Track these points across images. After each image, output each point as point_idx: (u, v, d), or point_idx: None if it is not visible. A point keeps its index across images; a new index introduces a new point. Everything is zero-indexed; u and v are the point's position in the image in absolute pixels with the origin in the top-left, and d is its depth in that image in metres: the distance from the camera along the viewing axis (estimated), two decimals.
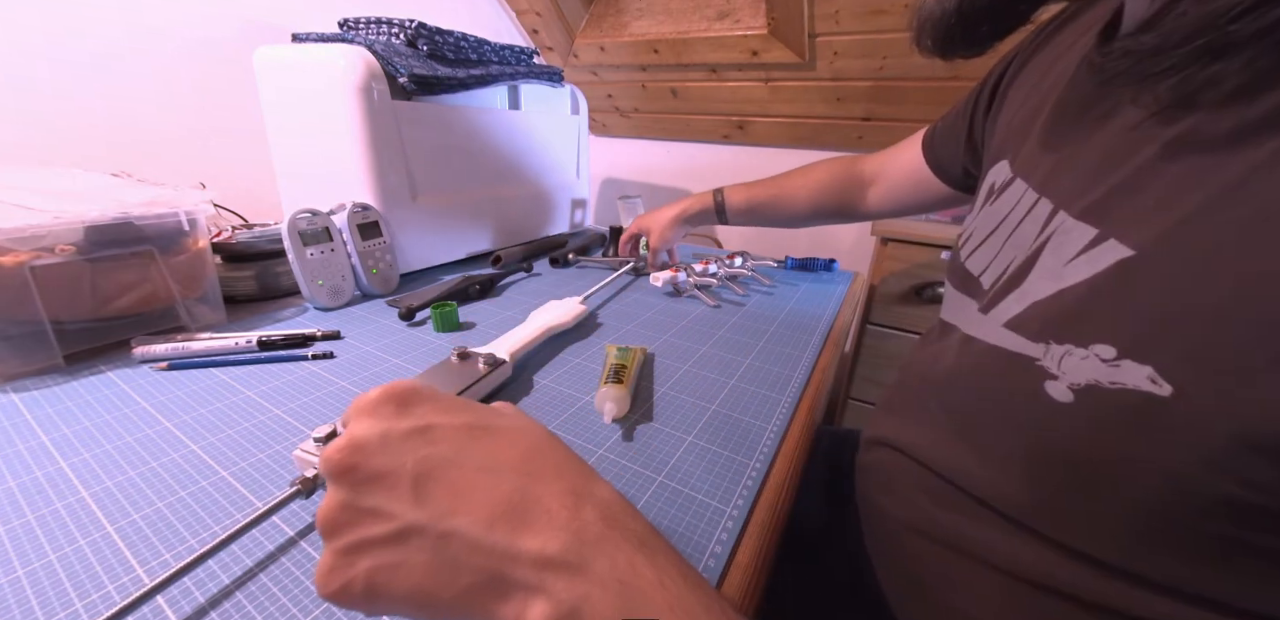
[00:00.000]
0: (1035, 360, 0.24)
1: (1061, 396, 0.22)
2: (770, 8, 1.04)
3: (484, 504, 0.18)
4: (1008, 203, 0.32)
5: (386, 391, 0.21)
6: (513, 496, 0.19)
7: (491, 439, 0.21)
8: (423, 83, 0.65)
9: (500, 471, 0.19)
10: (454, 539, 0.18)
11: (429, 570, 0.18)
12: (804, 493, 0.41)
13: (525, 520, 0.18)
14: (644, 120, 1.48)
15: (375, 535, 0.18)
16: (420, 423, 0.20)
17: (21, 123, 0.68)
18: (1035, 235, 0.28)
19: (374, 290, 0.66)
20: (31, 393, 0.42)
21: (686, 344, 0.56)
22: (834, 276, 0.83)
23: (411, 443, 0.19)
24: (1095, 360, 0.21)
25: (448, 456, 0.19)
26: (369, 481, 0.19)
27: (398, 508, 0.18)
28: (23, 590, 0.25)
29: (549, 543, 0.17)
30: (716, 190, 0.75)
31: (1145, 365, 0.19)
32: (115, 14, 0.72)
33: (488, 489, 0.19)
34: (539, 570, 0.17)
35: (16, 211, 0.43)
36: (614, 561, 0.17)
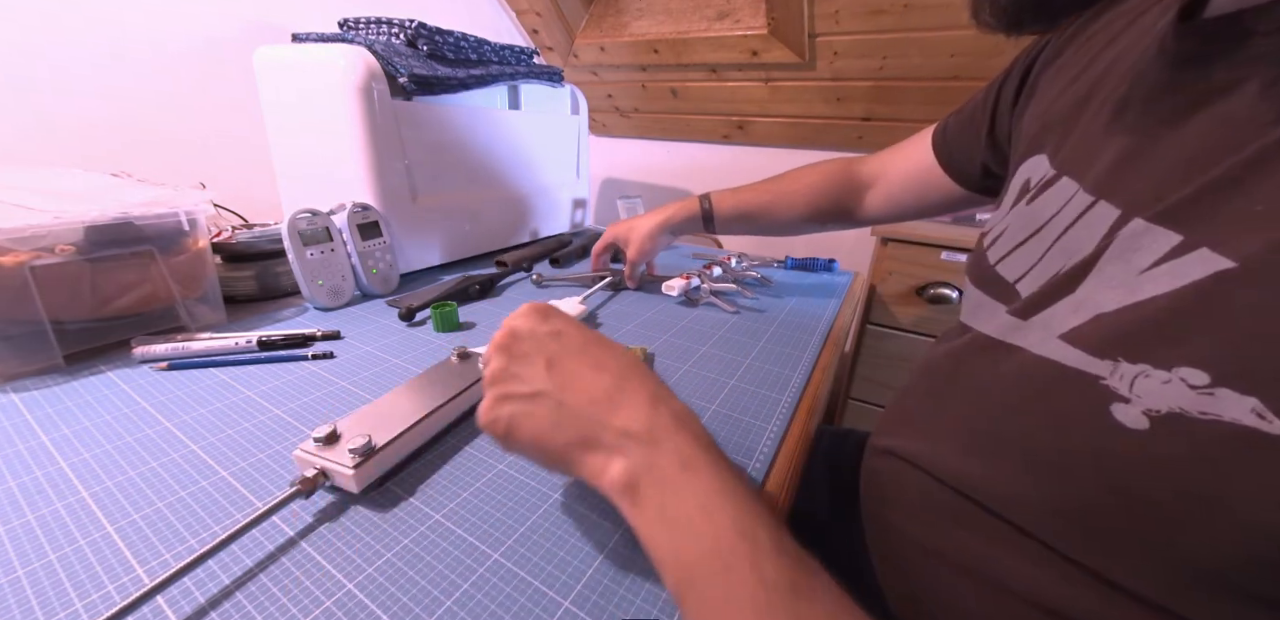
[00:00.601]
0: (1099, 379, 0.21)
1: (1133, 422, 0.20)
2: (770, 8, 1.04)
3: (588, 389, 0.26)
4: (1052, 203, 0.29)
5: (534, 305, 0.30)
6: (610, 388, 0.25)
7: (601, 349, 0.28)
8: (423, 83, 0.65)
9: (604, 370, 0.26)
10: (566, 406, 0.25)
11: (548, 423, 0.25)
12: (804, 493, 0.40)
13: (617, 405, 0.25)
14: (644, 120, 1.48)
15: (518, 391, 0.26)
16: (555, 328, 0.28)
17: (21, 123, 0.68)
18: (1093, 240, 0.25)
19: (374, 290, 0.66)
20: (31, 393, 0.42)
21: (686, 344, 0.56)
22: (834, 276, 0.83)
23: (550, 338, 0.28)
24: (1181, 386, 0.18)
25: (570, 353, 0.27)
26: (519, 357, 0.27)
27: (534, 377, 0.26)
28: (23, 590, 0.25)
29: (631, 422, 0.24)
30: (703, 196, 0.67)
31: (1249, 396, 0.17)
32: (115, 14, 0.72)
33: (593, 379, 0.26)
34: (622, 438, 0.24)
35: (16, 211, 0.43)
36: (678, 446, 0.23)
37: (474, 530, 0.30)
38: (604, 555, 0.29)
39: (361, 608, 0.25)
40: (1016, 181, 0.35)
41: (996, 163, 0.45)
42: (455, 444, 0.38)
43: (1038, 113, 0.36)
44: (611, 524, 0.31)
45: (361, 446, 0.31)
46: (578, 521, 0.31)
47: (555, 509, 0.32)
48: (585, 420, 0.25)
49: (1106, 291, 0.23)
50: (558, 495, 0.33)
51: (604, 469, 0.24)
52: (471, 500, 0.32)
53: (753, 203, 0.66)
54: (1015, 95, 0.40)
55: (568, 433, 0.25)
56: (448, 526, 0.30)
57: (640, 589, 0.27)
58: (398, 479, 0.34)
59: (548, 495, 0.33)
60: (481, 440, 0.38)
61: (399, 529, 0.30)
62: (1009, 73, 0.42)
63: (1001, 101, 0.42)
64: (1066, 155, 0.30)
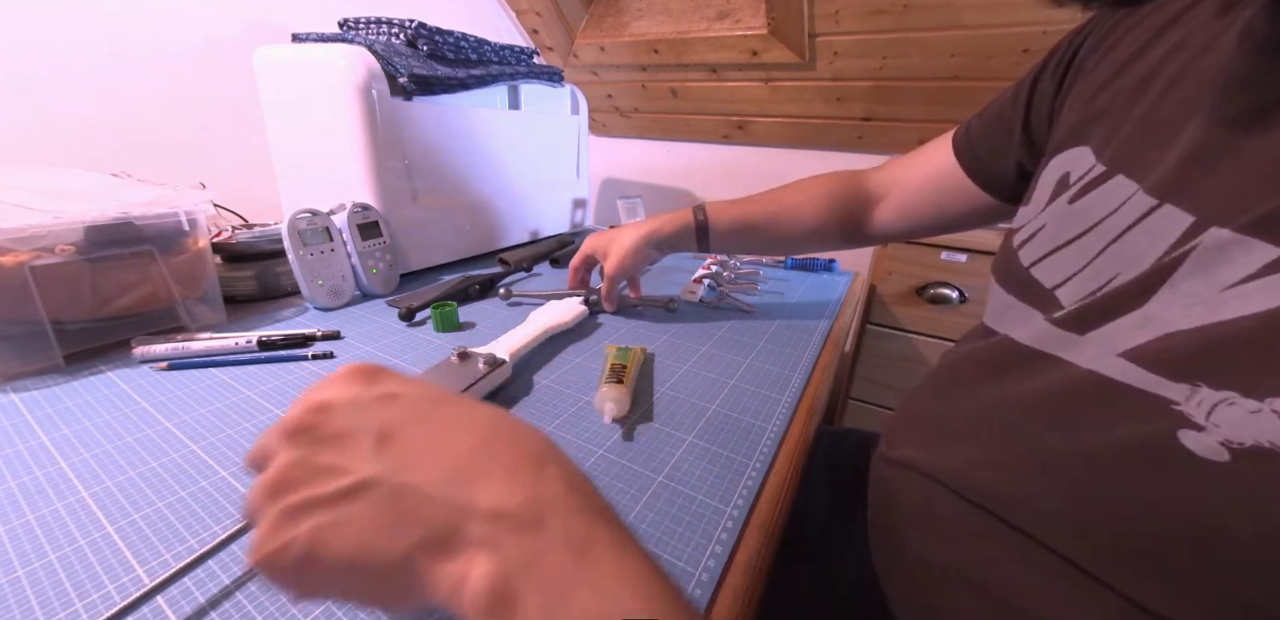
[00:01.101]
0: (1171, 403, 0.19)
1: (1208, 453, 0.18)
2: (770, 8, 1.04)
3: (446, 458, 0.18)
4: (1101, 203, 0.27)
5: (355, 366, 0.21)
6: (475, 453, 0.19)
7: (458, 406, 0.21)
8: (423, 82, 0.65)
9: (466, 432, 0.19)
10: (409, 492, 0.17)
11: (376, 526, 0.17)
12: (805, 492, 0.40)
13: (486, 475, 0.18)
14: (644, 120, 1.48)
15: (326, 492, 0.17)
16: (389, 390, 0.20)
17: (21, 123, 0.68)
18: (1161, 250, 0.22)
19: (374, 290, 0.66)
20: (31, 393, 0.42)
21: (686, 344, 0.56)
22: (834, 276, 0.83)
23: (380, 406, 0.20)
24: (1272, 417, 0.17)
25: (413, 418, 0.20)
26: (330, 439, 0.19)
27: (355, 462, 0.18)
28: (23, 590, 0.25)
29: (507, 498, 0.17)
30: (697, 207, 0.59)
31: None
32: (115, 14, 0.72)
33: (451, 446, 0.19)
34: (492, 524, 0.17)
35: (16, 211, 0.43)
36: (570, 525, 0.17)
37: None
38: None
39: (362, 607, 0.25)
40: (1051, 175, 0.32)
41: (1034, 162, 0.39)
42: None
43: (1078, 103, 0.33)
44: None
45: None
46: None
47: None
48: (438, 507, 0.17)
49: (1182, 308, 0.20)
50: None
51: (463, 578, 0.16)
52: None
53: (753, 215, 0.59)
54: (1058, 85, 0.36)
55: (412, 531, 0.17)
56: None
57: None
58: None
59: None
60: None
61: None
62: (1047, 62, 0.38)
63: (1038, 93, 0.38)
64: (1119, 150, 0.27)
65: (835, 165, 1.30)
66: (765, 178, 1.38)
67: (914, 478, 0.33)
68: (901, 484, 0.34)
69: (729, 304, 0.67)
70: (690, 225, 0.58)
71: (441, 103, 0.70)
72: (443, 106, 0.70)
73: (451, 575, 0.16)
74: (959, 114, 1.04)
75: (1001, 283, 0.33)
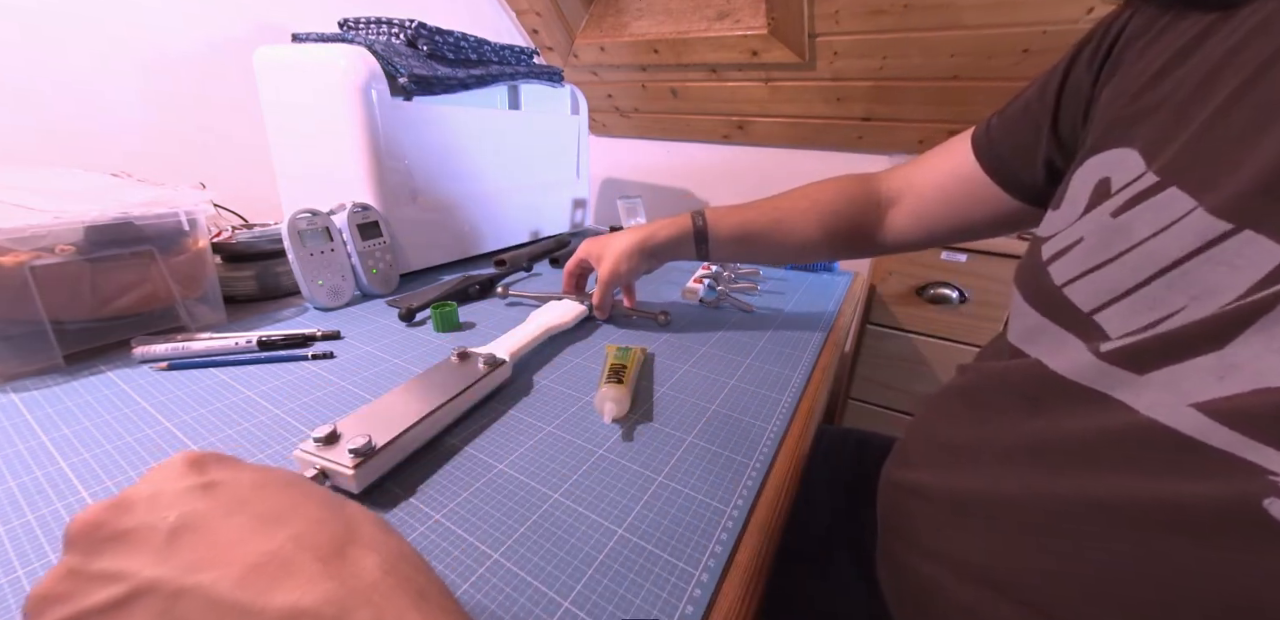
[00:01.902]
0: (1263, 470, 0.16)
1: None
2: (770, 8, 1.04)
3: (247, 555, 0.16)
4: (1152, 219, 0.23)
5: (186, 454, 0.19)
6: (284, 547, 0.16)
7: (286, 494, 0.18)
8: (423, 83, 0.65)
9: (283, 522, 0.17)
10: (192, 596, 0.15)
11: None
12: (805, 492, 0.40)
13: (288, 572, 0.15)
14: (644, 120, 1.48)
15: (93, 604, 0.15)
16: (205, 480, 0.18)
17: (21, 123, 0.68)
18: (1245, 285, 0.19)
19: (374, 290, 0.66)
20: (31, 393, 0.42)
21: (686, 344, 0.56)
22: (834, 276, 0.83)
23: (188, 497, 0.17)
24: None
25: (226, 507, 0.17)
26: (110, 540, 0.16)
27: (135, 565, 0.15)
28: (23, 590, 0.25)
29: (306, 594, 0.15)
30: (696, 213, 0.55)
31: None
32: (115, 14, 0.72)
33: (258, 540, 0.16)
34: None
35: (16, 211, 0.43)
36: (380, 612, 0.15)
37: (474, 530, 0.30)
38: (604, 555, 0.29)
39: None
40: (1089, 178, 0.28)
41: (1066, 161, 0.36)
42: (455, 444, 0.38)
43: (1121, 98, 0.29)
44: (612, 524, 0.31)
45: (362, 447, 0.31)
46: (578, 521, 0.31)
47: (555, 509, 0.32)
48: (225, 610, 0.15)
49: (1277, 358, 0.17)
50: (558, 495, 0.33)
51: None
52: (471, 500, 0.32)
53: (756, 222, 0.55)
54: (1095, 75, 0.32)
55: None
56: (448, 526, 0.30)
57: (640, 589, 0.27)
58: (398, 479, 0.34)
59: (548, 495, 0.33)
60: (482, 440, 0.38)
61: (398, 529, 0.30)
62: (1081, 49, 0.34)
63: (1070, 84, 0.34)
64: (1177, 159, 0.24)
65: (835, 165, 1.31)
66: (765, 178, 1.39)
67: (928, 504, 0.30)
68: (913, 507, 0.32)
69: (729, 304, 0.67)
70: (689, 231, 0.55)
71: (442, 103, 0.70)
72: (443, 106, 0.70)
73: None
74: (959, 114, 1.04)
75: (1028, 299, 0.29)
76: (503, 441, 0.38)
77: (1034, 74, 0.39)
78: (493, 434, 0.39)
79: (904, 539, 0.32)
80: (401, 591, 0.16)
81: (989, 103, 0.99)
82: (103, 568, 0.15)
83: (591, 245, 0.60)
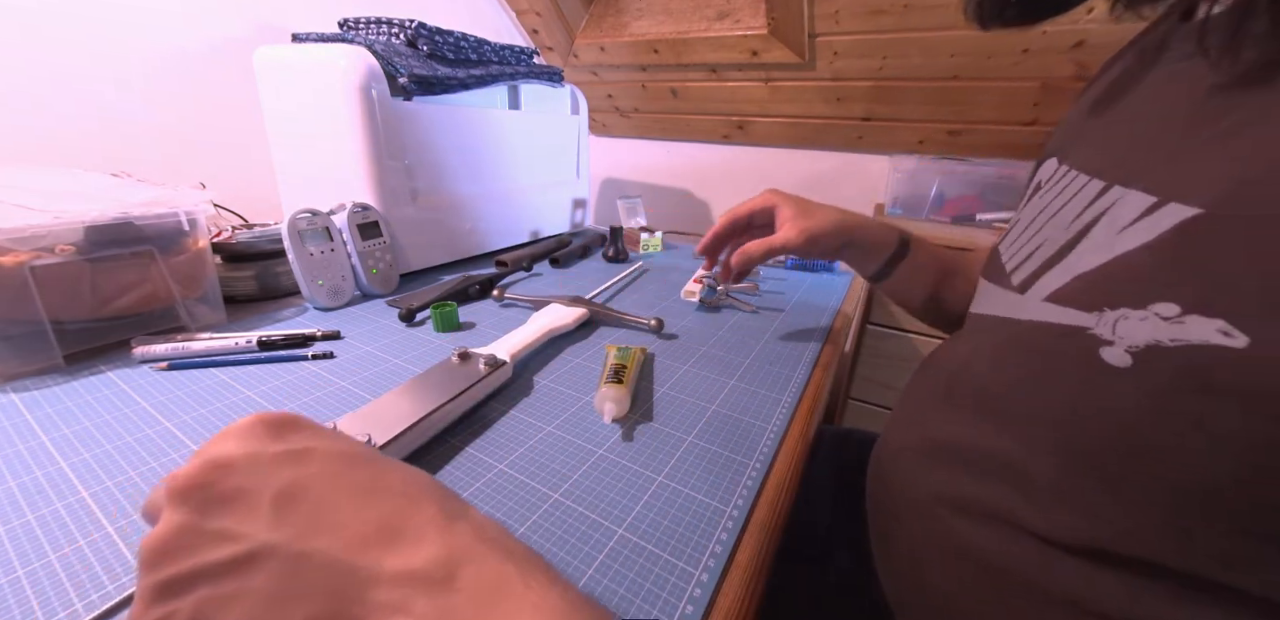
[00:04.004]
0: (1087, 329, 0.23)
1: (1118, 361, 0.21)
2: (770, 8, 1.04)
3: (354, 523, 0.17)
4: (1053, 192, 0.31)
5: (261, 416, 0.20)
6: (387, 516, 0.18)
7: (372, 466, 0.20)
8: (423, 83, 0.65)
9: (378, 493, 0.18)
10: (310, 560, 0.16)
11: (269, 600, 0.15)
12: (805, 492, 0.40)
13: (395, 539, 0.17)
14: (644, 120, 1.48)
15: (215, 560, 0.16)
16: (297, 447, 0.19)
17: (21, 123, 0.68)
18: (1080, 213, 0.27)
19: (374, 290, 0.66)
20: (31, 393, 0.42)
21: (686, 344, 0.56)
22: (834, 276, 0.83)
23: (285, 463, 0.18)
24: (1155, 319, 0.20)
25: (322, 478, 0.18)
26: (222, 501, 0.17)
27: (251, 528, 0.16)
28: (23, 590, 0.25)
29: (414, 557, 0.17)
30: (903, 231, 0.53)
31: (1215, 319, 0.18)
32: (115, 13, 0.72)
33: (360, 508, 0.18)
34: (401, 587, 0.16)
35: (16, 211, 0.43)
36: (481, 571, 0.17)
37: None
38: (604, 555, 0.29)
39: None
40: (1032, 184, 0.36)
41: None
42: (455, 444, 0.38)
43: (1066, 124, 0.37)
44: (612, 524, 0.31)
45: None
46: (578, 521, 0.31)
47: (555, 509, 0.32)
48: (342, 575, 0.16)
49: (1088, 254, 0.25)
50: (558, 495, 0.33)
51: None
52: (471, 500, 0.32)
53: (945, 256, 0.53)
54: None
55: (311, 604, 0.16)
56: None
57: (640, 589, 0.27)
58: None
59: (548, 495, 0.33)
60: (482, 440, 0.38)
61: None
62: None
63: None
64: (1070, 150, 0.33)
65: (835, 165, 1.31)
66: (765, 178, 1.39)
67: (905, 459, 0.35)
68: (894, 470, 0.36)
69: (729, 304, 0.67)
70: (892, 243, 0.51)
71: (441, 103, 0.70)
72: (443, 106, 0.70)
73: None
74: (959, 114, 1.04)
75: (984, 275, 0.36)
76: (503, 442, 0.38)
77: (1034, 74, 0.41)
78: (493, 434, 0.39)
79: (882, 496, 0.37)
80: (493, 551, 0.18)
81: (989, 103, 0.99)
82: (218, 527, 0.16)
83: (784, 200, 0.52)
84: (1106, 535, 0.22)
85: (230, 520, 0.17)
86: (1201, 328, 0.19)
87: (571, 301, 0.60)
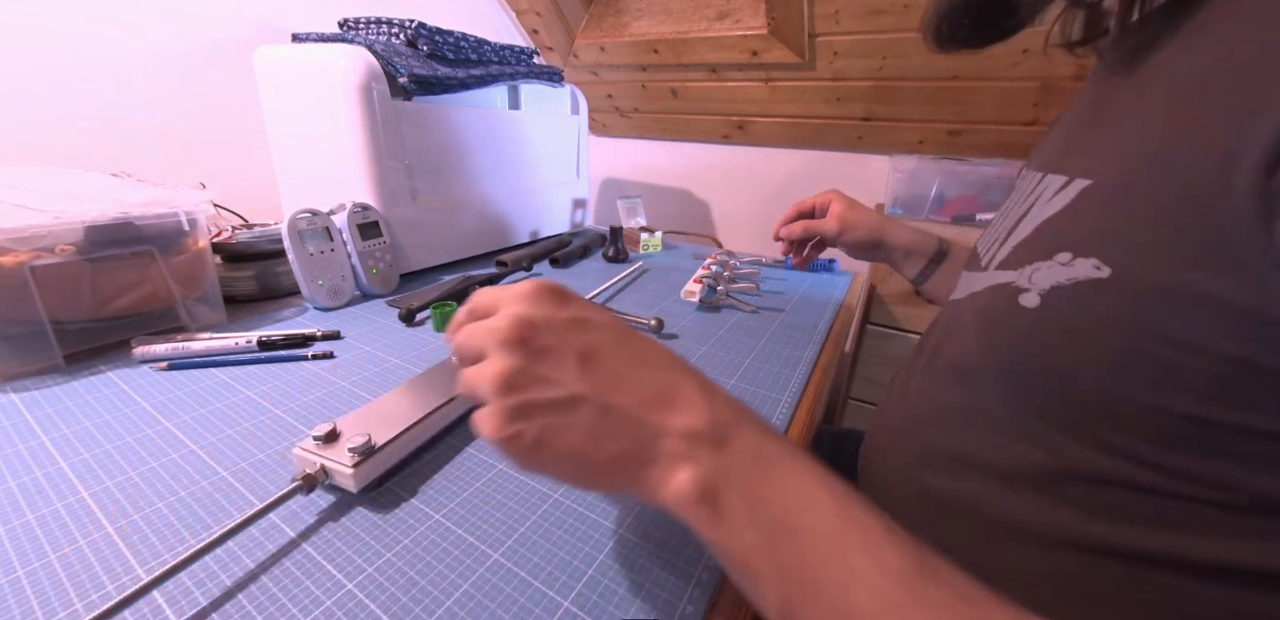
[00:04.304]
0: (1012, 283, 0.28)
1: (1031, 303, 0.26)
2: (770, 8, 1.04)
3: (637, 388, 0.22)
4: (1016, 191, 0.36)
5: (541, 284, 0.24)
6: (660, 386, 0.22)
7: (637, 341, 0.24)
8: (423, 83, 0.65)
9: (648, 364, 0.23)
10: (614, 411, 0.21)
11: (589, 434, 0.21)
12: None
13: (671, 404, 0.22)
14: (644, 120, 1.48)
15: (547, 399, 0.21)
16: (578, 315, 0.23)
17: (21, 123, 0.68)
18: (1025, 199, 0.32)
19: (374, 290, 0.66)
20: (31, 393, 0.42)
21: (686, 344, 0.56)
22: (834, 276, 0.83)
23: (575, 329, 0.22)
24: (1056, 266, 0.25)
25: (605, 345, 0.23)
26: (540, 353, 0.21)
27: (566, 378, 0.21)
28: (23, 590, 0.25)
29: (695, 421, 0.21)
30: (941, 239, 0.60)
31: (1091, 258, 0.23)
32: (115, 13, 0.72)
33: (639, 377, 0.22)
34: (688, 441, 0.21)
35: (16, 211, 0.43)
36: (749, 441, 0.21)
37: (474, 530, 0.30)
38: (604, 555, 0.29)
39: (361, 608, 0.25)
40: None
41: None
42: (455, 444, 0.38)
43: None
44: (612, 524, 0.31)
45: (361, 446, 0.31)
46: (578, 521, 0.31)
47: (555, 509, 0.32)
48: (639, 425, 0.21)
49: (1025, 227, 0.29)
50: (558, 495, 0.33)
51: (666, 481, 0.21)
52: (471, 500, 0.32)
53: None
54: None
55: (617, 444, 0.21)
56: (448, 526, 0.30)
57: (640, 589, 0.27)
58: (398, 479, 0.34)
59: (548, 495, 0.33)
60: (482, 440, 0.38)
61: (399, 529, 0.30)
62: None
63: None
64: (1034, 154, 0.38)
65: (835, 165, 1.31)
66: (765, 178, 1.39)
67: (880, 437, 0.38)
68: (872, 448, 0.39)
69: (729, 304, 0.67)
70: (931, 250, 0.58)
71: (441, 103, 0.70)
72: (443, 106, 0.70)
73: (653, 478, 0.21)
74: (959, 114, 1.04)
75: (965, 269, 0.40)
76: None
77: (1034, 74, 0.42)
78: None
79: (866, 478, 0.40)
80: (752, 426, 0.22)
81: (989, 103, 0.99)
82: (543, 373, 0.21)
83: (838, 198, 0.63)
84: (1051, 461, 0.26)
85: (549, 369, 0.21)
86: (1083, 266, 0.24)
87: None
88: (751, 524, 0.20)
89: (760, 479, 0.20)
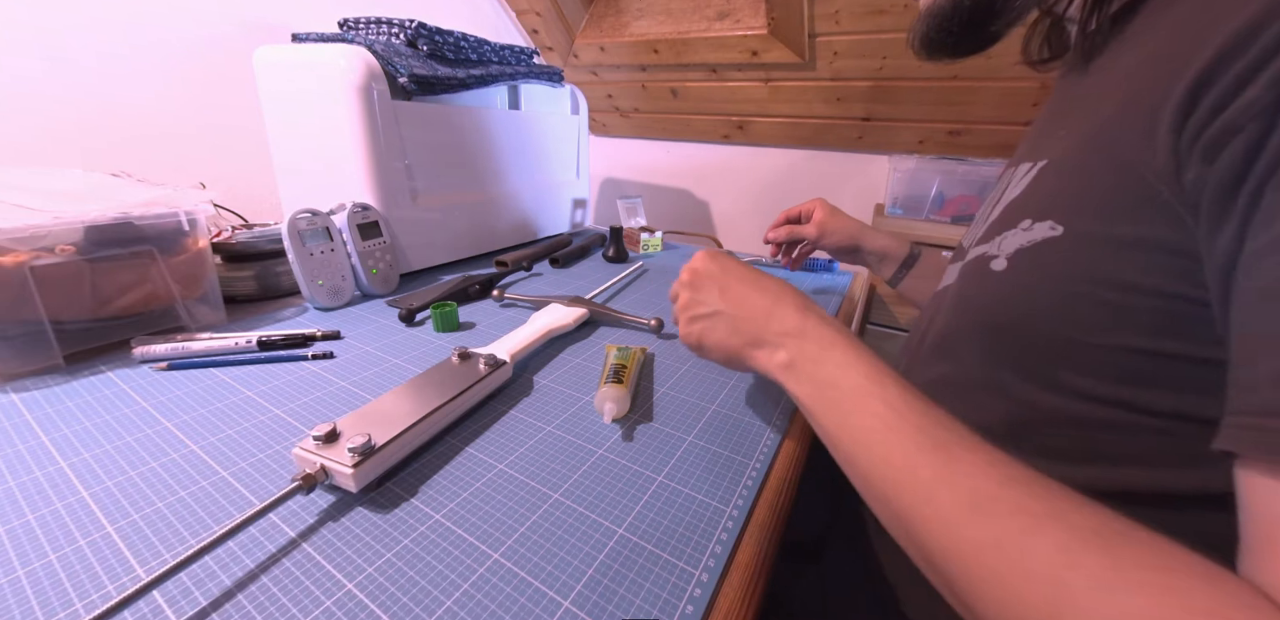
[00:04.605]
0: (986, 253, 0.32)
1: (1000, 266, 0.31)
2: (770, 8, 1.04)
3: (753, 306, 0.35)
4: (995, 188, 0.39)
5: (707, 252, 0.40)
6: (768, 305, 0.34)
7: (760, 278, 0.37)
8: (423, 83, 0.65)
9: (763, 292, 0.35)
10: (739, 320, 0.35)
11: (726, 332, 0.35)
12: (805, 492, 0.41)
13: (777, 315, 0.33)
14: (644, 120, 1.48)
15: (701, 312, 0.37)
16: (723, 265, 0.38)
17: (21, 122, 0.68)
18: (999, 191, 0.36)
19: (374, 290, 0.66)
20: (31, 393, 0.42)
21: None
22: (834, 276, 0.83)
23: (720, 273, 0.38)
24: (1018, 231, 0.30)
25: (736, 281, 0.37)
26: (700, 288, 0.38)
27: (713, 301, 0.37)
28: (23, 590, 0.25)
29: (786, 325, 0.33)
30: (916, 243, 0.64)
31: (1046, 220, 0.28)
32: (115, 13, 0.72)
33: (756, 299, 0.35)
34: (782, 337, 0.33)
35: (16, 211, 0.43)
36: (821, 335, 0.31)
37: (474, 530, 0.30)
38: (604, 555, 0.29)
39: (361, 608, 0.25)
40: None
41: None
42: (455, 444, 0.38)
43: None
44: (611, 524, 0.31)
45: (361, 445, 0.31)
46: (578, 521, 0.31)
47: (555, 509, 0.32)
48: (756, 327, 0.34)
49: (998, 208, 0.34)
50: (558, 495, 0.33)
51: (770, 358, 0.33)
52: (471, 500, 0.32)
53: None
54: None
55: (741, 337, 0.34)
56: (448, 526, 0.30)
57: (640, 589, 0.27)
58: (398, 479, 0.34)
59: (548, 495, 0.33)
60: (482, 440, 0.38)
61: (399, 529, 0.30)
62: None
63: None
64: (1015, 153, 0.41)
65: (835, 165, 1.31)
66: (765, 178, 1.39)
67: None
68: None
69: None
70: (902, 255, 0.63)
71: (442, 103, 0.70)
72: (443, 106, 0.70)
73: (764, 356, 0.33)
74: (959, 114, 1.04)
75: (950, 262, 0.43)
76: (503, 441, 0.38)
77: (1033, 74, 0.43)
78: (493, 434, 0.39)
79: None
80: (831, 327, 0.32)
81: (989, 103, 0.99)
82: (701, 298, 0.37)
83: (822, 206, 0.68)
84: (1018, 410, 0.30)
85: (704, 297, 0.37)
86: (1041, 228, 0.28)
87: (571, 301, 0.60)
88: (811, 381, 0.30)
89: (822, 357, 0.30)
